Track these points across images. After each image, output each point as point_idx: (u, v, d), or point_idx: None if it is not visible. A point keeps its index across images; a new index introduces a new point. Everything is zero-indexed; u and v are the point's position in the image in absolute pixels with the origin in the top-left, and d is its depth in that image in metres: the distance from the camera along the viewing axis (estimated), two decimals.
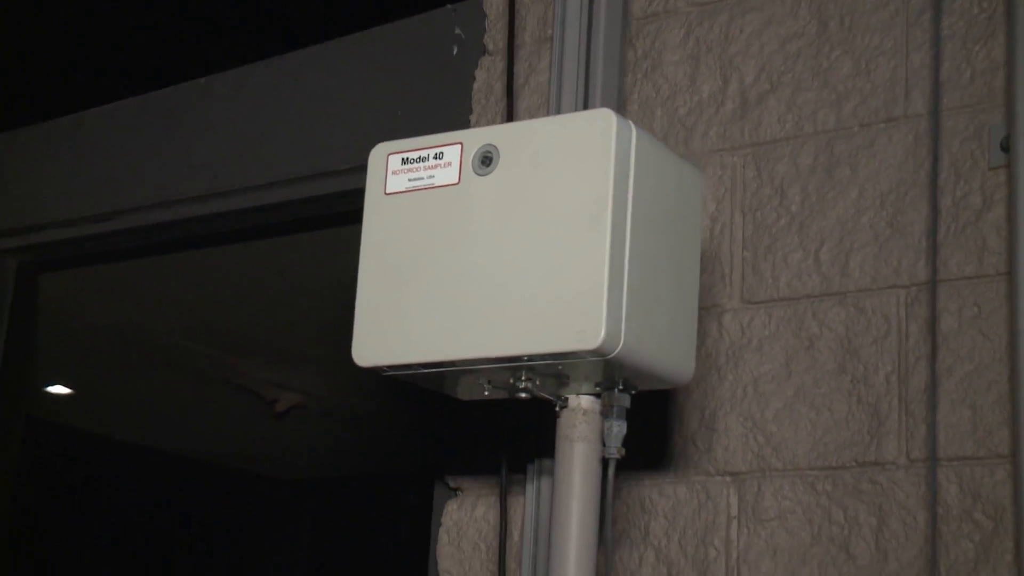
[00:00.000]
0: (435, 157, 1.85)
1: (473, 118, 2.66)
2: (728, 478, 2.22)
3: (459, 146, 1.83)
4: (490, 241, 1.77)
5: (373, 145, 2.84)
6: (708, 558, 2.19)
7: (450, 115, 2.71)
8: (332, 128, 2.91)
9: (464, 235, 1.79)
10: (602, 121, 1.72)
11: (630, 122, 1.73)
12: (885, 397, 2.14)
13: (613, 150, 1.70)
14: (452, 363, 1.77)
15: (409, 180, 1.86)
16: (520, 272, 1.73)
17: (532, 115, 2.56)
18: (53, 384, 5.92)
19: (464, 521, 2.48)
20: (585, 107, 2.42)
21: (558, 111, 2.40)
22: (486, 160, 1.80)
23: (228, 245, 3.51)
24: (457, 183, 1.82)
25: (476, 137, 1.82)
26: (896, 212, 2.18)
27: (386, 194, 1.88)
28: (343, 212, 3.04)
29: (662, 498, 2.24)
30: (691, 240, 1.87)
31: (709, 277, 2.29)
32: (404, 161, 1.87)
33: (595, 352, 1.65)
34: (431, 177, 1.85)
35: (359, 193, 2.82)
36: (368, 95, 2.87)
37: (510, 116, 2.53)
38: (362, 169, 2.82)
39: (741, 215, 2.30)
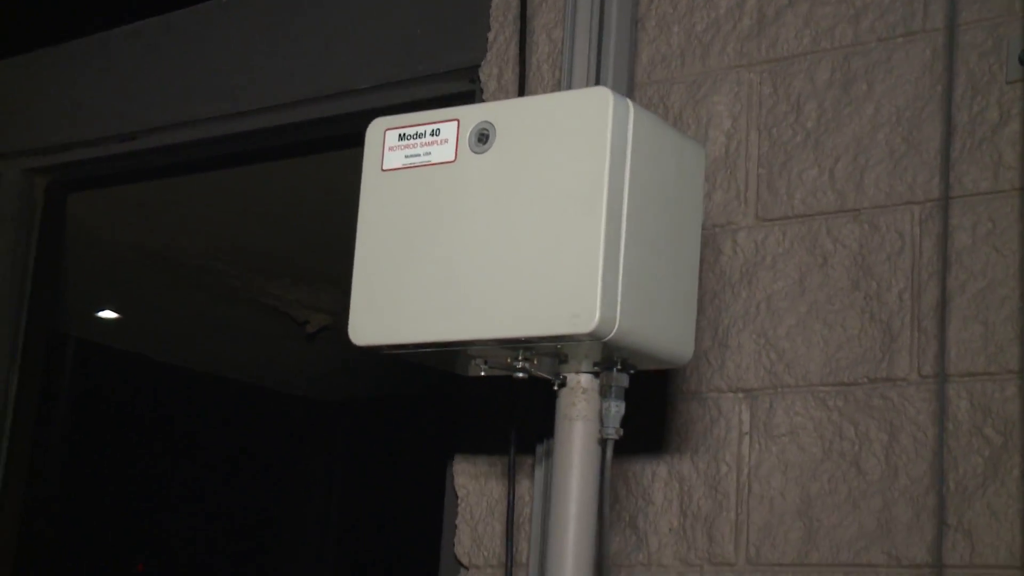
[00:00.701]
0: (432, 134, 1.84)
1: (491, 35, 2.68)
2: (740, 394, 2.26)
3: (456, 123, 1.82)
4: (486, 221, 1.77)
5: (393, 63, 2.87)
6: (720, 473, 2.24)
7: (468, 33, 2.72)
8: (352, 46, 2.93)
9: (460, 214, 1.79)
10: (599, 100, 1.70)
11: (628, 100, 1.72)
12: (898, 314, 2.16)
13: (610, 130, 1.69)
14: (447, 344, 1.78)
15: (406, 157, 1.86)
16: (516, 253, 1.73)
17: (548, 33, 2.56)
18: (102, 309, 6.05)
19: (479, 440, 2.54)
20: (601, 26, 2.41)
21: (573, 32, 2.40)
22: (483, 138, 1.79)
23: (251, 165, 3.55)
24: (453, 161, 1.82)
25: (473, 114, 1.81)
26: (912, 128, 2.19)
27: (383, 171, 1.88)
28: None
29: (675, 414, 2.28)
30: (691, 218, 1.86)
31: (724, 195, 2.31)
32: (401, 137, 1.87)
33: (590, 336, 1.65)
34: (428, 154, 1.84)
35: (381, 111, 2.84)
36: (388, 13, 2.89)
37: (523, 37, 2.54)
38: (383, 87, 2.85)
39: (757, 132, 2.31)
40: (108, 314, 6.16)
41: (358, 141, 3.09)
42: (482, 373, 1.88)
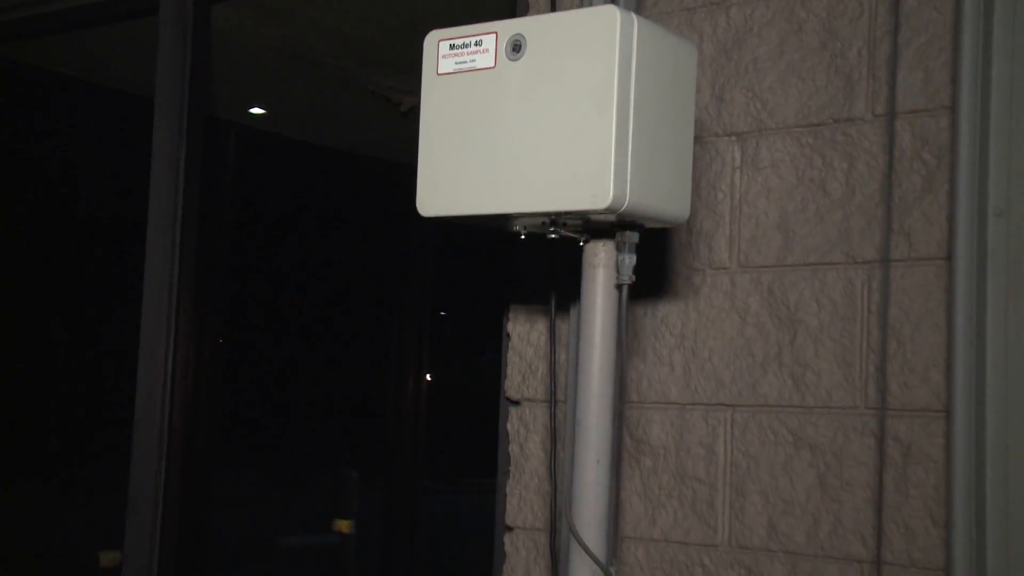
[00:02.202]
0: (475, 44, 1.96)
1: None
2: (733, 137, 2.52)
3: (495, 35, 1.93)
4: (521, 117, 1.88)
5: None
6: (717, 199, 2.52)
7: None
8: None
9: (500, 111, 1.91)
10: (607, 17, 1.82)
11: (632, 15, 1.84)
12: (857, 67, 2.40)
13: (617, 41, 1.80)
14: (493, 215, 1.93)
15: (455, 63, 1.98)
16: (545, 143, 1.85)
17: None
18: (252, 107, 6.37)
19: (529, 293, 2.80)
20: None
21: None
22: (516, 47, 1.91)
23: None
24: (493, 67, 1.93)
25: (508, 28, 1.92)
26: None
27: (438, 75, 2.00)
28: None
29: None
30: (686, 106, 1.97)
31: None
32: (451, 47, 1.98)
33: (606, 210, 1.80)
34: (473, 61, 1.96)
35: None
36: None
37: None
38: None
39: None
40: (256, 110, 6.52)
41: None
42: (522, 236, 2.05)
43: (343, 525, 5.45)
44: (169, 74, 3.51)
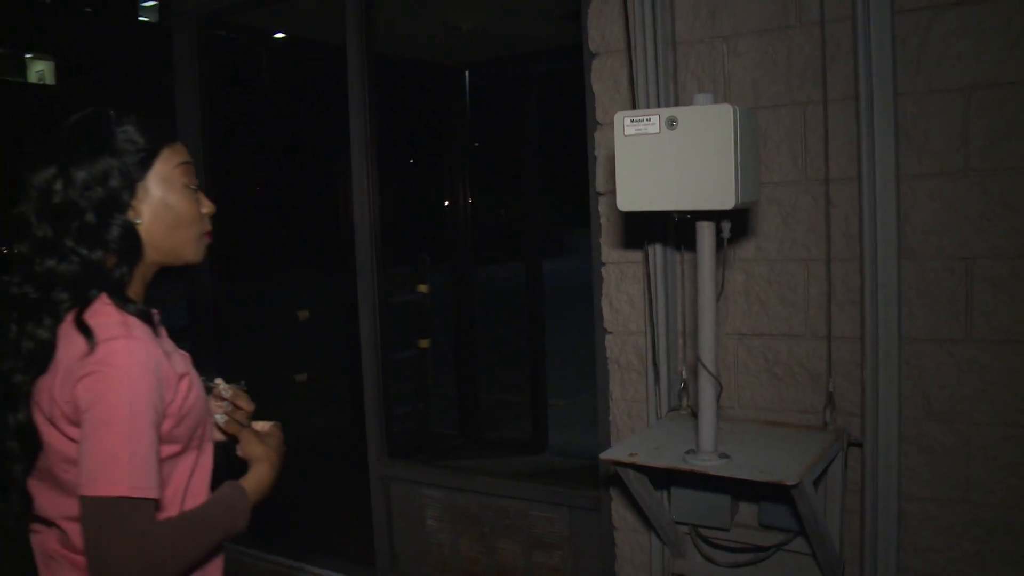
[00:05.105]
0: (647, 120, 2.49)
1: None
2: (722, 39, 3.22)
3: (659, 115, 2.50)
4: (677, 160, 2.49)
5: None
6: (717, 73, 3.22)
7: None
8: None
9: (664, 156, 2.51)
10: (727, 110, 2.43)
11: (735, 107, 2.44)
12: None
13: (731, 123, 2.43)
14: (664, 210, 2.55)
15: (636, 129, 2.52)
16: (693, 173, 2.47)
17: None
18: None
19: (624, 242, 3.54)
20: None
21: None
22: (672, 123, 2.46)
23: None
24: (659, 132, 2.48)
25: (666, 112, 2.50)
26: None
27: (625, 135, 2.53)
28: None
29: None
30: (755, 143, 2.60)
31: None
32: (632, 121, 2.53)
33: (732, 208, 2.46)
34: (646, 128, 2.49)
35: None
36: None
37: None
38: None
39: None
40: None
41: None
42: (676, 219, 2.75)
43: (422, 288, 7.12)
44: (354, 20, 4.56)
